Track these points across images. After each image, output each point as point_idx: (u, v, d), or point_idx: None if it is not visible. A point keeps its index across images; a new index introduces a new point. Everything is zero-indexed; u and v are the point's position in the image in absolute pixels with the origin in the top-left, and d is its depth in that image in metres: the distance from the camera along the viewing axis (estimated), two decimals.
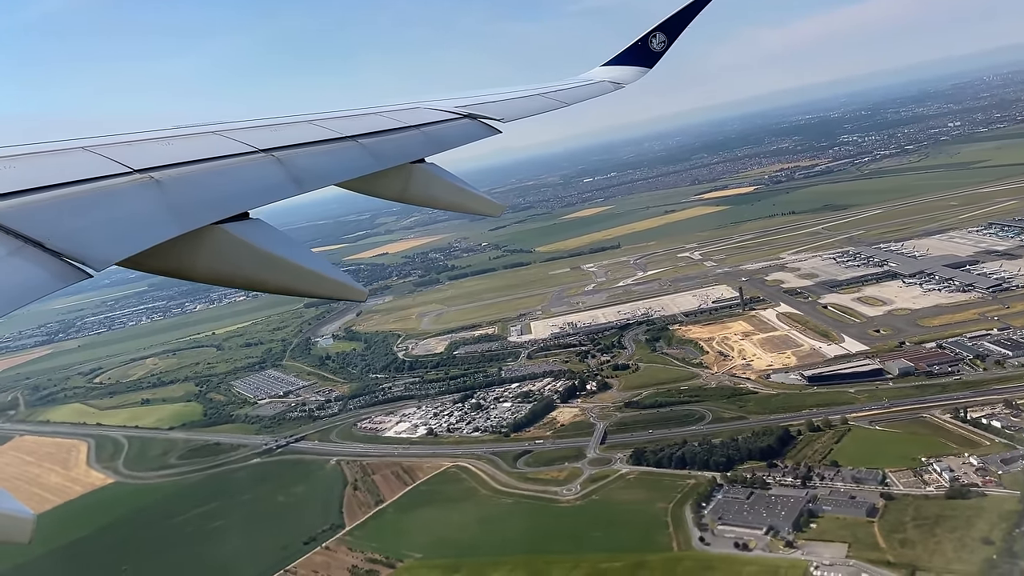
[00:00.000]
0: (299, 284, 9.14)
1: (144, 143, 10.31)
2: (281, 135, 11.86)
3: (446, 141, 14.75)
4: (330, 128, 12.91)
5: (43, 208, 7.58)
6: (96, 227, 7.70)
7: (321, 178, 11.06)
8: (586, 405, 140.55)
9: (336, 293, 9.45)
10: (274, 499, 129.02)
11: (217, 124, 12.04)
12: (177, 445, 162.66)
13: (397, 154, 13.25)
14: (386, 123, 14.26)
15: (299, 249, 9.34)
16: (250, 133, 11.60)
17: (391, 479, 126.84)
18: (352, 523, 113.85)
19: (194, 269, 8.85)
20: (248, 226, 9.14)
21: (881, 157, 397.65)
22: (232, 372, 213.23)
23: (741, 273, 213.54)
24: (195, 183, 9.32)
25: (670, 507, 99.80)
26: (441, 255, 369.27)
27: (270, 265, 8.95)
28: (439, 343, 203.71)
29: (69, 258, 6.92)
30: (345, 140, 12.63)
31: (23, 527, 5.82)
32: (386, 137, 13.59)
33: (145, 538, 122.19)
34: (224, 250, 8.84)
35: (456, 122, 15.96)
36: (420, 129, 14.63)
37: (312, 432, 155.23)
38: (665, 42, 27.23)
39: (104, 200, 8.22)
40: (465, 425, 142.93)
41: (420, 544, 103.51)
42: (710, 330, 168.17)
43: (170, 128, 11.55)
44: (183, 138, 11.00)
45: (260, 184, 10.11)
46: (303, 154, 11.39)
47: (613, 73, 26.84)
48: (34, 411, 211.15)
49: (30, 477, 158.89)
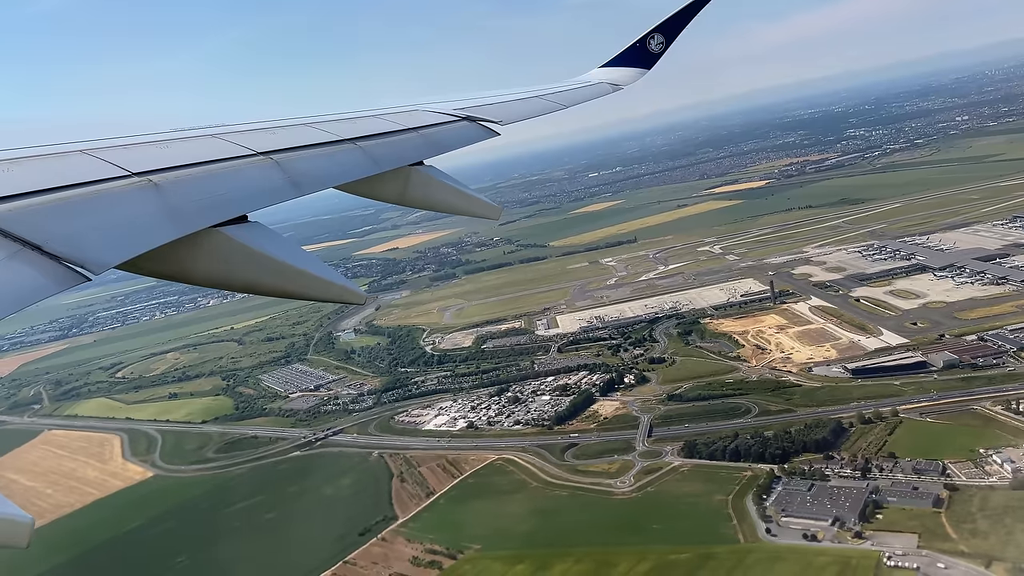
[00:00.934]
0: (298, 287, 9.19)
1: (142, 146, 10.34)
2: (279, 138, 11.94)
3: (444, 144, 14.86)
4: (328, 131, 13.01)
5: (42, 211, 7.57)
6: (94, 230, 7.72)
7: (319, 181, 11.18)
8: (627, 398, 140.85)
9: (335, 296, 9.43)
10: (321, 491, 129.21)
11: (215, 127, 12.12)
12: (212, 439, 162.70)
13: (395, 157, 13.32)
14: (384, 126, 14.38)
15: (298, 252, 9.41)
16: (248, 136, 11.66)
17: (437, 471, 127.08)
18: (405, 515, 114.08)
19: (193, 272, 8.92)
20: (246, 229, 9.19)
21: (891, 151, 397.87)
22: (258, 366, 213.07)
23: (765, 267, 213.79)
24: (193, 186, 9.35)
25: (730, 499, 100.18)
26: (453, 250, 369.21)
27: (268, 268, 9.01)
28: (465, 337, 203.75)
29: (68, 261, 6.94)
30: (343, 143, 12.70)
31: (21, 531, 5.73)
32: (384, 140, 13.69)
33: (196, 530, 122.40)
34: (222, 253, 8.89)
35: (454, 125, 16.07)
36: (418, 132, 14.77)
37: (349, 425, 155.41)
38: (663, 43, 27.35)
39: (102, 203, 8.20)
40: (505, 418, 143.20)
41: (478, 536, 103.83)
42: (743, 324, 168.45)
43: (168, 131, 11.63)
44: (181, 141, 11.05)
45: (258, 187, 10.15)
46: (301, 157, 11.45)
47: (611, 75, 26.97)
48: (59, 406, 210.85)
49: (66, 471, 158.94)
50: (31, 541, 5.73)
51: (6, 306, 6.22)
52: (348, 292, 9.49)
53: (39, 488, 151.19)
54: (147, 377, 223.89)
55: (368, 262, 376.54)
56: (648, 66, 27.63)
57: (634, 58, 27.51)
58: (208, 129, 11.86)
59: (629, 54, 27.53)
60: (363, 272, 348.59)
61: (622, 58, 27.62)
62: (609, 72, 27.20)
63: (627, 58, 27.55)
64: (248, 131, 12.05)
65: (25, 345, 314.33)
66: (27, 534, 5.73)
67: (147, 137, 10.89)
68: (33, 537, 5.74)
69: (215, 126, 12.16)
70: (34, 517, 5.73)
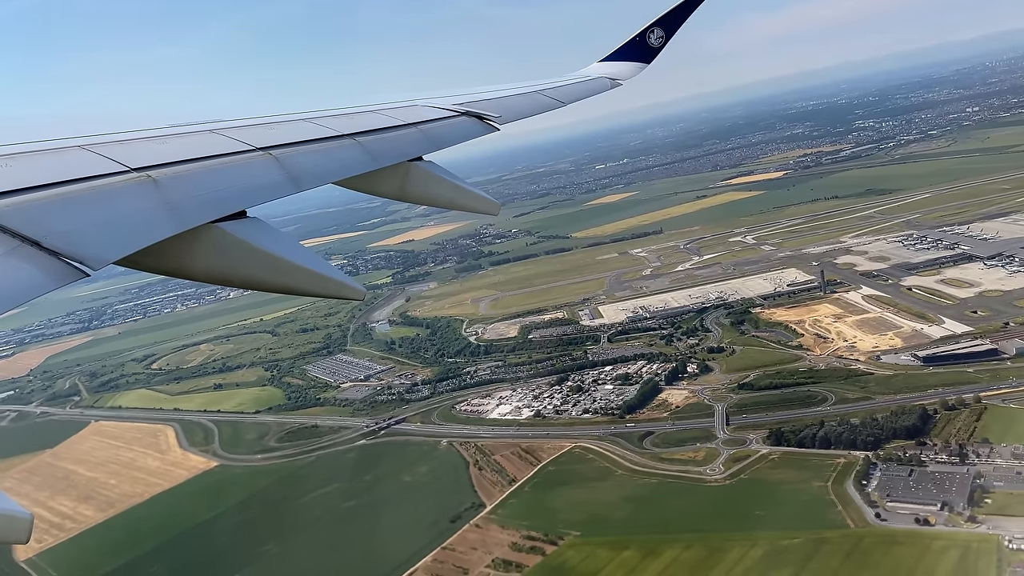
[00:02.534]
0: (297, 283, 9.29)
1: (141, 142, 10.41)
2: (278, 133, 12.04)
3: (443, 139, 15.02)
4: (327, 126, 13.11)
5: (40, 207, 7.60)
6: (93, 226, 7.78)
7: (318, 177, 11.31)
8: (694, 387, 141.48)
9: (333, 292, 9.58)
10: (398, 479, 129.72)
11: (213, 122, 12.18)
12: (271, 428, 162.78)
13: (394, 152, 13.46)
14: (383, 121, 14.45)
15: (297, 248, 9.52)
16: (247, 131, 11.75)
17: (514, 460, 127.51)
18: (491, 502, 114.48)
19: (191, 268, 8.97)
20: (245, 225, 9.28)
21: (906, 143, 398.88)
22: (299, 357, 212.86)
23: (805, 257, 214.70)
24: (192, 182, 9.40)
25: (829, 485, 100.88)
26: (472, 242, 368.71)
27: (268, 264, 9.09)
28: (508, 327, 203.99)
29: (66, 257, 6.99)
30: (342, 138, 12.81)
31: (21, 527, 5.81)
32: (383, 135, 13.80)
33: (277, 519, 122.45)
34: (221, 249, 8.96)
35: (453, 120, 16.22)
36: (417, 127, 14.87)
37: (411, 414, 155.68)
38: (663, 37, 27.64)
39: (101, 199, 8.26)
40: (571, 407, 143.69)
41: (573, 522, 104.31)
42: (796, 313, 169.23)
43: (167, 126, 11.71)
44: (180, 136, 11.13)
45: (257, 183, 10.23)
46: (300, 152, 11.57)
47: (611, 69, 27.20)
48: (99, 397, 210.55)
49: (125, 461, 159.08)
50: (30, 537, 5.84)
51: (5, 301, 6.26)
52: (346, 288, 9.68)
53: (101, 478, 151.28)
54: (185, 368, 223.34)
55: (386, 254, 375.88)
56: (648, 60, 27.95)
57: (634, 52, 27.83)
58: (206, 124, 11.99)
59: (629, 48, 27.86)
60: (384, 264, 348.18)
61: (622, 52, 27.93)
62: (609, 66, 27.51)
63: (627, 52, 27.86)
64: (246, 127, 12.16)
65: (47, 338, 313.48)
66: (27, 530, 5.83)
67: (145, 133, 11.00)
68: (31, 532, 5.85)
69: (213, 121, 12.28)
70: (97, 506, 5.82)
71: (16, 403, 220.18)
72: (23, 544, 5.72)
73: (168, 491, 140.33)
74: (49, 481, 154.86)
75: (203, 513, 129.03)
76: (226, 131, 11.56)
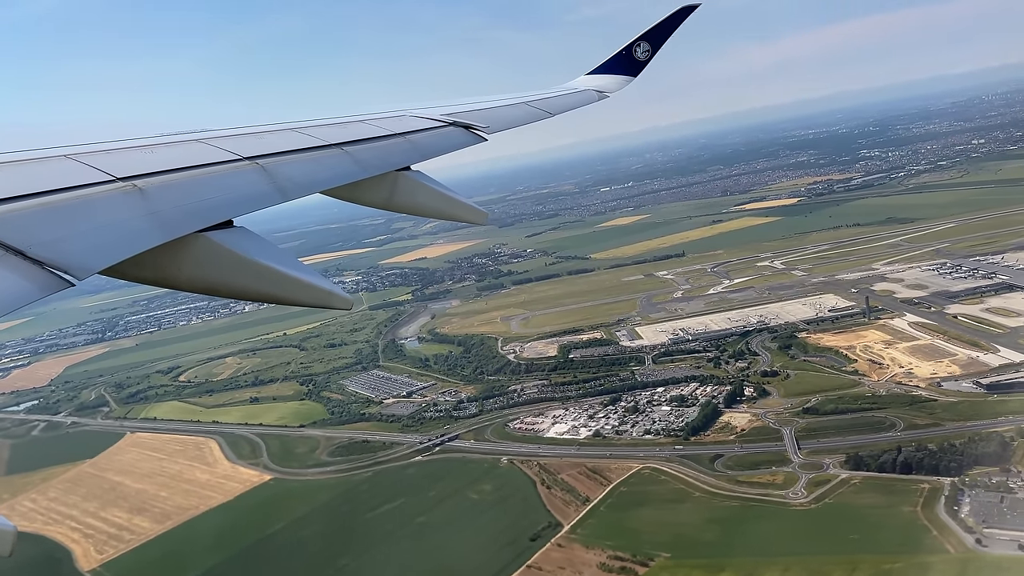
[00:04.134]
0: (284, 292, 9.27)
1: (127, 151, 10.38)
2: (265, 143, 12.04)
3: (431, 149, 15.13)
4: (315, 136, 13.18)
5: (25, 216, 7.58)
6: (78, 235, 7.77)
7: (306, 186, 11.30)
8: (755, 410, 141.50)
9: (321, 301, 9.54)
10: (465, 496, 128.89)
11: (201, 132, 12.28)
12: (319, 442, 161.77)
13: (382, 162, 13.52)
14: (371, 131, 14.56)
15: (284, 257, 9.48)
16: (234, 141, 11.76)
17: (582, 479, 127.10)
18: (567, 521, 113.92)
19: (178, 278, 8.97)
20: (232, 234, 9.25)
21: (917, 173, 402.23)
22: (333, 372, 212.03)
23: (839, 283, 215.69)
24: (178, 191, 9.43)
25: (918, 510, 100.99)
26: (488, 260, 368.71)
27: (255, 273, 9.07)
28: (546, 346, 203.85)
29: (51, 267, 6.99)
30: (330, 148, 12.88)
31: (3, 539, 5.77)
32: (371, 145, 13.88)
33: (346, 533, 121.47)
34: (208, 258, 8.95)
35: (442, 130, 16.35)
36: (405, 137, 15.04)
37: (463, 431, 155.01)
38: (649, 51, 27.97)
39: (87, 208, 8.25)
40: (631, 428, 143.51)
41: (660, 543, 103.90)
42: (844, 338, 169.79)
43: (153, 136, 11.74)
44: (166, 146, 11.14)
45: (244, 192, 10.22)
46: (288, 162, 11.59)
47: (598, 82, 27.54)
48: (130, 408, 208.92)
49: (172, 473, 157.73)
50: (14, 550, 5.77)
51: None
52: (334, 297, 9.67)
53: (150, 491, 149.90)
54: (215, 381, 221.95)
55: (401, 271, 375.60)
56: (634, 74, 28.24)
57: (620, 65, 28.13)
58: (193, 134, 12.07)
59: (615, 61, 28.17)
60: (400, 281, 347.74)
61: (608, 65, 28.23)
62: (596, 79, 27.82)
63: (613, 65, 28.17)
64: (234, 136, 12.17)
65: (62, 348, 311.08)
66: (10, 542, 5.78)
67: (132, 142, 10.98)
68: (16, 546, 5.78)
69: (200, 131, 12.37)
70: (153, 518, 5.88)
71: (43, 413, 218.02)
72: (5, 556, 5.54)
73: (224, 504, 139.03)
74: (96, 492, 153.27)
75: (267, 526, 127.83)
76: (213, 140, 11.61)
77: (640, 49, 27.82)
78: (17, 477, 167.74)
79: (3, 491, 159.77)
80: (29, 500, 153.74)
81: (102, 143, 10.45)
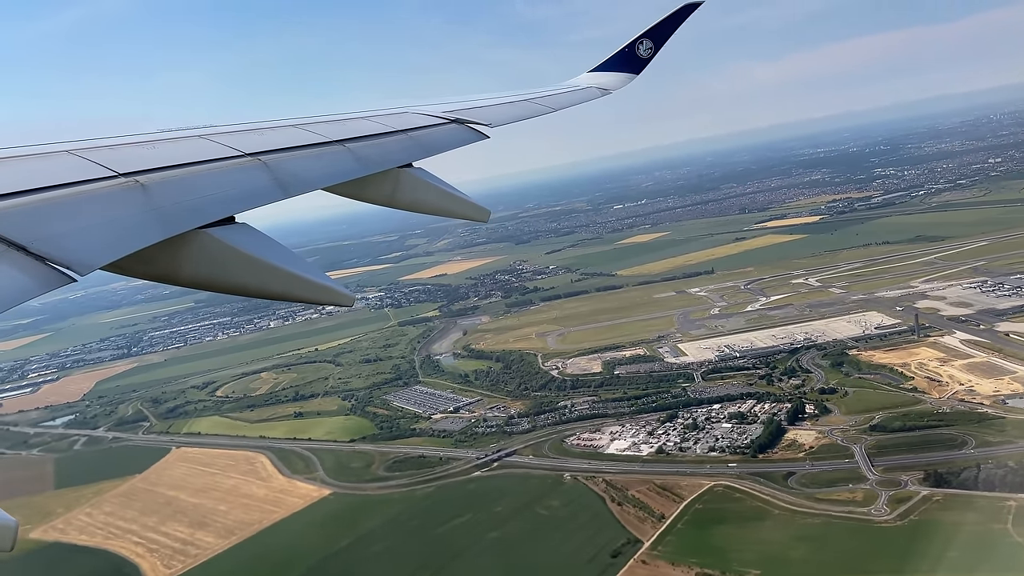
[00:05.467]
0: (285, 288, 9.32)
1: (129, 147, 10.40)
2: (267, 139, 12.09)
3: (433, 146, 15.15)
4: (317, 132, 13.19)
5: (26, 212, 7.60)
6: (80, 231, 7.79)
7: (308, 183, 11.31)
8: (821, 428, 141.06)
9: (322, 298, 9.61)
10: (533, 511, 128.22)
11: (202, 128, 12.28)
12: (374, 457, 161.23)
13: (384, 159, 13.53)
14: (373, 128, 14.57)
15: (285, 253, 9.52)
16: (236, 137, 11.78)
17: (652, 495, 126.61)
18: (646, 538, 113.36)
19: (179, 274, 9.02)
20: (234, 230, 9.30)
21: (937, 191, 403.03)
22: (373, 387, 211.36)
23: (879, 301, 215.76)
24: (180, 187, 9.46)
25: (1009, 527, 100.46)
26: (511, 277, 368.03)
27: (256, 270, 9.11)
28: (589, 362, 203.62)
29: (53, 262, 6.99)
30: (332, 144, 12.88)
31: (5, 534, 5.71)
32: (373, 141, 13.90)
33: (420, 548, 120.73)
34: (209, 255, 8.97)
35: (444, 127, 16.36)
36: (407, 134, 15.03)
37: (520, 447, 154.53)
38: (652, 48, 27.96)
39: (88, 204, 8.27)
40: (694, 444, 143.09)
41: (748, 561, 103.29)
42: (897, 356, 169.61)
43: (155, 132, 11.80)
44: (168, 142, 11.18)
45: (246, 188, 10.27)
46: (290, 158, 11.62)
47: (600, 79, 27.59)
48: (171, 423, 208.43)
49: (227, 488, 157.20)
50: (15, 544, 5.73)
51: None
52: (336, 293, 9.69)
53: (208, 505, 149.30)
54: (254, 396, 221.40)
55: (423, 287, 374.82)
56: (637, 71, 28.27)
57: (623, 63, 28.16)
58: (195, 130, 12.10)
59: (618, 59, 28.19)
60: (425, 297, 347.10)
61: (611, 63, 28.27)
62: (598, 77, 27.85)
63: (616, 63, 28.20)
64: (235, 132, 12.20)
65: (88, 363, 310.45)
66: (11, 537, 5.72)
67: (134, 138, 11.03)
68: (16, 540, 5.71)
69: (202, 127, 12.39)
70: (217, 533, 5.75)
71: (81, 428, 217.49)
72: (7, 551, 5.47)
73: (288, 518, 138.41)
74: (152, 506, 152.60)
75: (337, 541, 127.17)
76: (215, 137, 11.61)
77: (643, 47, 27.81)
78: (68, 491, 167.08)
79: (56, 505, 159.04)
80: (84, 514, 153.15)
81: (104, 139, 10.43)
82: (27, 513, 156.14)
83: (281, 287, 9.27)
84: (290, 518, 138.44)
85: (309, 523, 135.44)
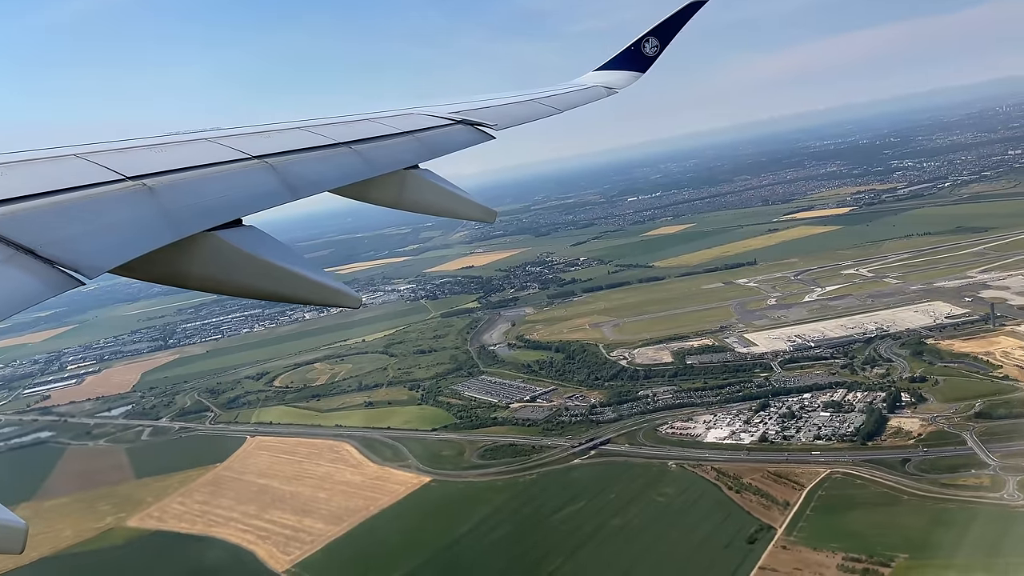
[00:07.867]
0: (293, 290, 9.50)
1: (136, 150, 10.49)
2: (274, 142, 12.15)
3: (439, 147, 15.24)
4: (323, 134, 13.29)
5: (35, 216, 7.67)
6: (89, 234, 7.87)
7: (314, 184, 11.38)
8: (923, 415, 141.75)
9: (329, 299, 9.76)
10: (649, 498, 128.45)
11: (209, 131, 12.43)
12: (462, 446, 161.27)
13: (391, 160, 13.65)
14: (379, 129, 14.68)
15: (292, 255, 9.63)
16: (242, 140, 11.88)
17: (770, 483, 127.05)
18: (777, 524, 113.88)
19: (188, 276, 9.11)
20: (241, 233, 9.42)
21: (963, 183, 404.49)
22: (437, 377, 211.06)
23: (939, 290, 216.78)
24: (188, 190, 9.54)
25: None
26: (542, 268, 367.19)
27: (264, 272, 9.25)
28: (657, 353, 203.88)
29: (62, 266, 7.07)
30: (338, 146, 12.99)
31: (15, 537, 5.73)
32: (379, 143, 14.01)
33: (541, 535, 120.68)
34: (217, 257, 9.11)
35: (449, 128, 16.45)
36: (413, 135, 15.15)
37: (614, 435, 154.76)
38: (658, 47, 28.10)
39: (97, 207, 8.35)
40: (796, 432, 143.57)
41: (890, 544, 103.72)
42: (977, 344, 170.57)
43: (162, 135, 11.93)
44: (175, 145, 11.26)
45: (253, 191, 10.37)
46: (296, 160, 11.73)
47: (606, 78, 27.69)
48: (236, 413, 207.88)
49: (320, 475, 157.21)
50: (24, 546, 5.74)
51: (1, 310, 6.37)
52: (342, 295, 9.89)
53: (306, 492, 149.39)
54: (315, 386, 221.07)
55: (452, 279, 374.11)
56: (643, 69, 28.35)
57: (629, 61, 28.22)
58: (202, 133, 12.25)
59: (624, 57, 28.28)
60: (459, 289, 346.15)
61: (617, 61, 28.36)
62: (604, 75, 27.92)
63: (622, 61, 28.29)
64: (242, 135, 12.29)
65: (127, 355, 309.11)
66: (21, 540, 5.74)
67: (141, 141, 11.10)
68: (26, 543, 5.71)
69: (209, 130, 12.55)
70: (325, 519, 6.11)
71: (141, 418, 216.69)
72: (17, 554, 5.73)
73: (395, 505, 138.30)
74: (246, 495, 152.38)
75: (454, 528, 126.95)
76: (222, 139, 11.75)
77: (648, 45, 27.86)
78: (151, 480, 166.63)
79: (145, 494, 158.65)
80: (177, 503, 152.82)
81: (111, 142, 10.54)
82: (116, 502, 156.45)
83: (289, 289, 9.46)
84: (396, 504, 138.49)
85: (418, 510, 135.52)
